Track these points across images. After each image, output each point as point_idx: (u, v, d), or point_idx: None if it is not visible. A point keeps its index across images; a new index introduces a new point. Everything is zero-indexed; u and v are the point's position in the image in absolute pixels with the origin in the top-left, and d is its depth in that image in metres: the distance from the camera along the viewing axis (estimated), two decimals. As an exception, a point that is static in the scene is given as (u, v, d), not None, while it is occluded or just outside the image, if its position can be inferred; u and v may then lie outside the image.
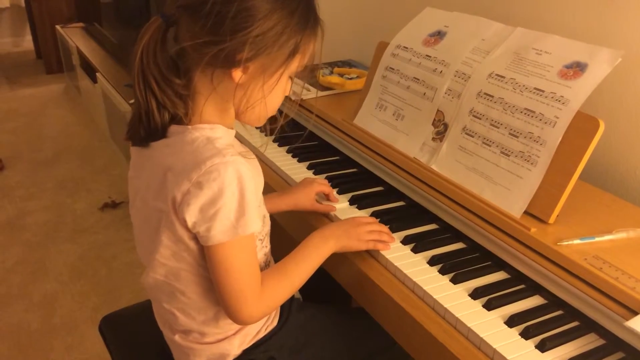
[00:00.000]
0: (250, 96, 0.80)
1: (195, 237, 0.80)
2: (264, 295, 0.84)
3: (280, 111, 0.89)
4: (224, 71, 0.77)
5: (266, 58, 0.77)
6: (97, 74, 3.14)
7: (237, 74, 0.77)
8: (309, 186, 1.11)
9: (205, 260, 0.82)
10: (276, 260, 1.01)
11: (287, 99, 0.88)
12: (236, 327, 0.91)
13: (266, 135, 1.31)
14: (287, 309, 0.99)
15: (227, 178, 0.75)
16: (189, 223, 0.77)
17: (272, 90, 0.81)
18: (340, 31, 1.97)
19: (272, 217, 1.09)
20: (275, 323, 0.97)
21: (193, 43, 0.75)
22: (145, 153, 0.85)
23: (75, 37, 3.81)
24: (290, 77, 0.84)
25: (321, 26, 0.82)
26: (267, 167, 1.32)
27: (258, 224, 0.81)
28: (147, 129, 0.81)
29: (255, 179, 0.80)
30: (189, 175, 0.76)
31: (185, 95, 0.80)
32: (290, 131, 1.38)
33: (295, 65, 0.81)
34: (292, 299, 1.00)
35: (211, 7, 0.73)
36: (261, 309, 0.85)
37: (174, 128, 0.81)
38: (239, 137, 0.94)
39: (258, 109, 0.82)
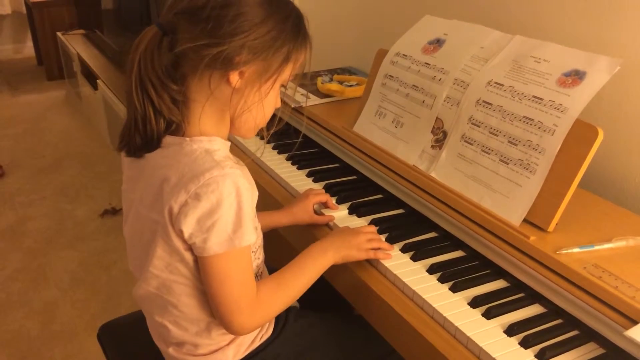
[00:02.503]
0: (247, 100, 0.82)
1: (191, 249, 0.80)
2: (259, 306, 0.84)
3: (274, 115, 0.90)
4: (221, 74, 0.79)
5: (262, 62, 0.80)
6: (97, 80, 3.14)
7: (234, 78, 0.79)
8: (305, 199, 1.11)
9: (200, 271, 0.82)
10: (274, 269, 1.01)
11: (282, 103, 0.90)
12: (229, 337, 0.90)
13: (265, 143, 1.31)
14: (284, 317, 0.99)
15: (225, 190, 0.76)
16: (185, 234, 0.77)
17: (267, 95, 0.83)
18: (340, 38, 1.98)
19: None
20: (270, 332, 0.96)
21: (194, 45, 0.77)
22: (139, 165, 0.85)
23: (76, 44, 3.81)
24: (283, 86, 0.87)
25: (309, 41, 0.86)
26: (267, 174, 1.32)
27: (254, 236, 0.81)
28: (143, 137, 0.81)
29: (250, 191, 0.81)
30: (186, 187, 0.76)
31: (181, 102, 0.81)
32: (289, 139, 1.39)
33: (287, 73, 0.84)
34: (288, 307, 1.00)
35: (210, 12, 0.76)
36: (256, 319, 0.85)
37: (169, 139, 0.82)
38: (233, 141, 0.95)
39: (254, 114, 0.84)
